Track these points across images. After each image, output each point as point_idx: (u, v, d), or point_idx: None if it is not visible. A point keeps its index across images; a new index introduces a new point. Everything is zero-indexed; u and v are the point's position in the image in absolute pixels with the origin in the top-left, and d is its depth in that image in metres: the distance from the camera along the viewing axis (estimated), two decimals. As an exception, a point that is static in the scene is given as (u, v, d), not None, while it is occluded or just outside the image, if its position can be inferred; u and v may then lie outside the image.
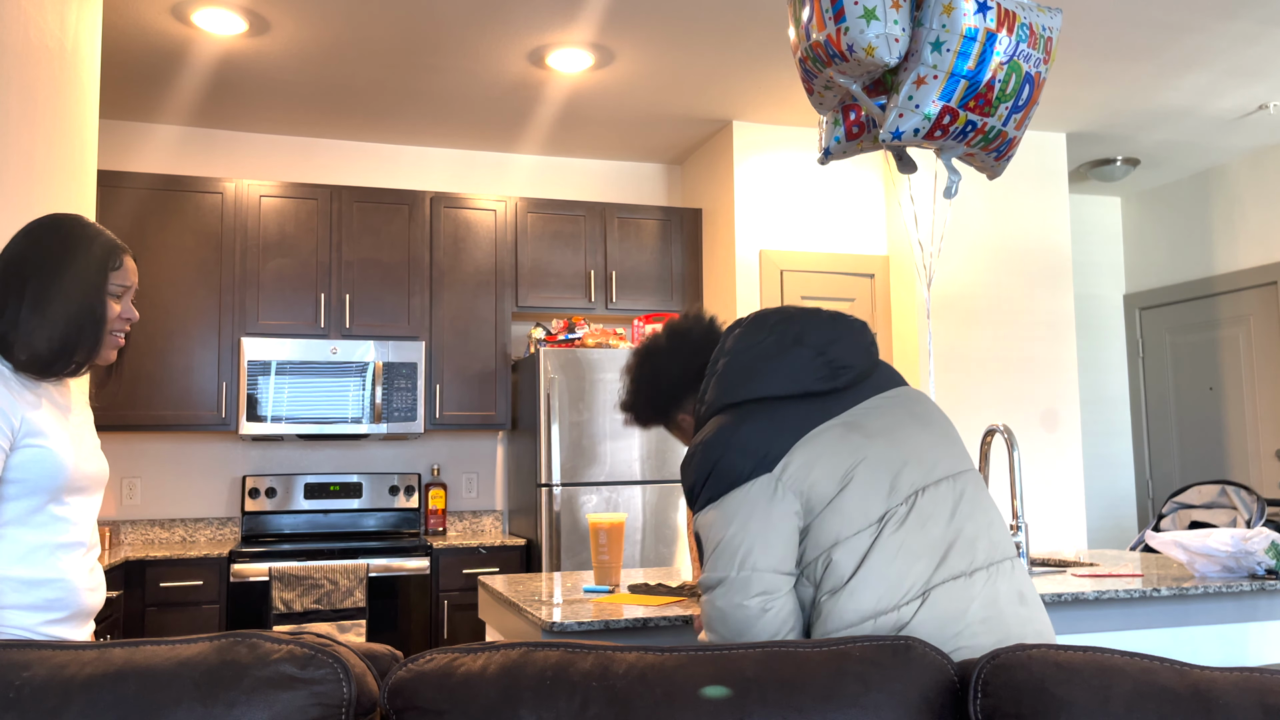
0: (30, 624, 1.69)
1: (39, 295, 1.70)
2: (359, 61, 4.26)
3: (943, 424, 1.78)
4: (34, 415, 1.70)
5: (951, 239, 5.10)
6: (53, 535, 1.72)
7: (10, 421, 1.66)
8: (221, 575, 4.27)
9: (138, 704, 1.14)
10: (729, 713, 1.19)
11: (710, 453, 1.66)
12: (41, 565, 1.70)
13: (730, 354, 1.75)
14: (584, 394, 4.58)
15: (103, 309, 1.76)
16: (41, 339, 1.69)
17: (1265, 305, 5.58)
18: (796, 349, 1.71)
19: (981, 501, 1.71)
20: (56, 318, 1.71)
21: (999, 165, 2.53)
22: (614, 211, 5.24)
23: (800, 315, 1.77)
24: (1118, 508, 6.34)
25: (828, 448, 1.64)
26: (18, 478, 1.68)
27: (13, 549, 1.68)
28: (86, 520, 1.79)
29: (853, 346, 1.74)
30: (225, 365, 4.62)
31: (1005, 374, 5.10)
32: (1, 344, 1.70)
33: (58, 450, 1.72)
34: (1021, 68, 2.35)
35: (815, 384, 1.69)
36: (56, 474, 1.71)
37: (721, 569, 1.61)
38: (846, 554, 1.59)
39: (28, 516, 1.70)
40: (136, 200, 4.59)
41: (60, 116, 2.64)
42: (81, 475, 1.76)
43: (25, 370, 1.71)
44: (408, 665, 1.27)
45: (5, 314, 1.70)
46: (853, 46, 2.30)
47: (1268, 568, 2.67)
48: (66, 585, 1.73)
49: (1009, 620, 1.60)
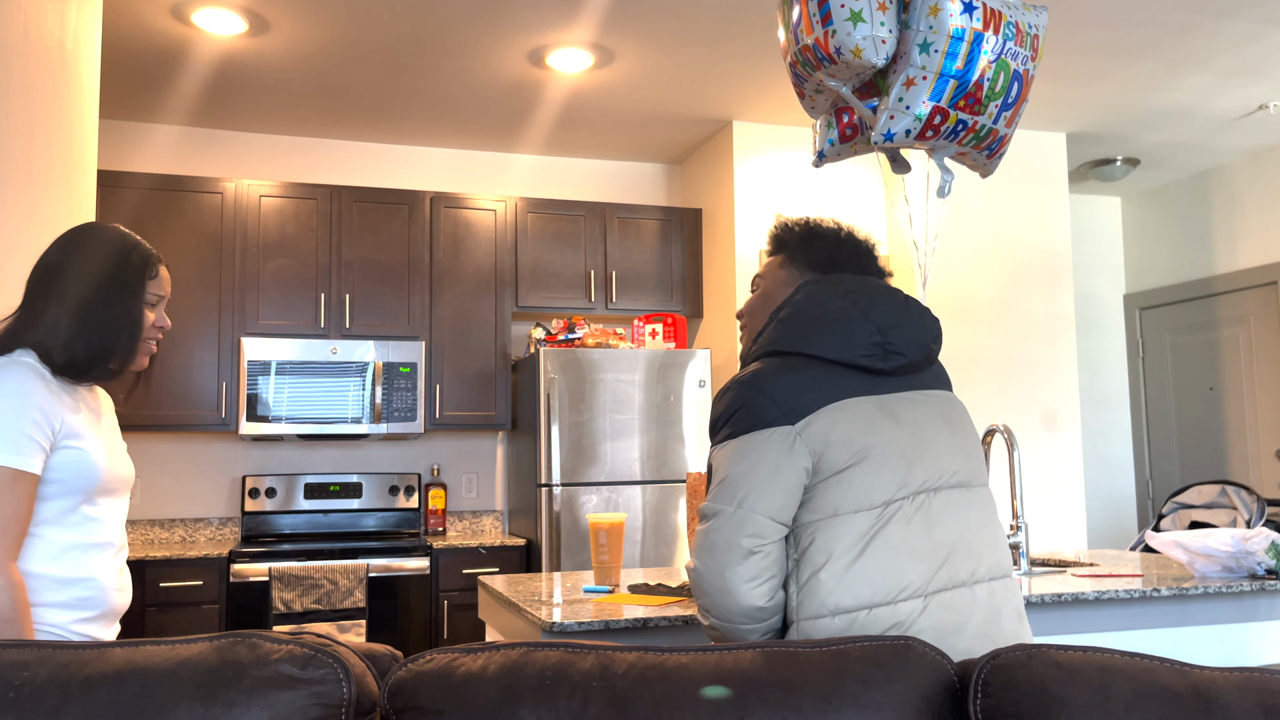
0: (63, 622, 1.72)
1: (79, 301, 1.74)
2: (359, 61, 4.26)
3: (970, 436, 1.79)
4: (72, 418, 1.73)
5: (952, 239, 5.10)
6: (85, 535, 1.76)
7: (52, 423, 1.69)
8: (221, 575, 4.27)
9: (138, 704, 1.14)
10: (729, 713, 1.19)
11: (744, 391, 1.69)
12: (74, 565, 1.74)
13: (796, 306, 1.77)
14: (584, 394, 4.58)
15: (140, 317, 1.81)
16: (80, 344, 1.74)
17: (1265, 305, 5.58)
18: (861, 321, 1.72)
19: (991, 519, 1.73)
20: (95, 324, 1.75)
21: (991, 163, 2.55)
22: (614, 211, 5.24)
23: (875, 290, 1.77)
24: (1118, 508, 6.34)
25: (853, 420, 1.66)
26: (55, 478, 1.71)
27: (48, 548, 1.71)
28: (116, 521, 1.83)
29: (914, 336, 1.75)
30: (225, 365, 4.62)
31: (1005, 374, 5.10)
32: (40, 348, 1.74)
33: (93, 452, 1.75)
34: (1010, 66, 2.37)
35: (864, 359, 1.71)
36: (91, 476, 1.74)
37: (722, 502, 1.65)
38: (841, 532, 1.61)
39: (62, 517, 1.73)
40: (136, 200, 4.59)
41: (60, 116, 2.64)
42: (113, 477, 1.80)
43: (62, 374, 1.75)
44: (408, 665, 1.27)
45: (45, 319, 1.74)
46: (840, 49, 2.31)
47: (1268, 568, 2.67)
48: (97, 585, 1.76)
49: (1006, 634, 1.64)
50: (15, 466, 1.64)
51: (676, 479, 4.66)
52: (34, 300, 1.77)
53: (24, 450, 1.65)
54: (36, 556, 1.70)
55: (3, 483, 1.63)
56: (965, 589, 1.61)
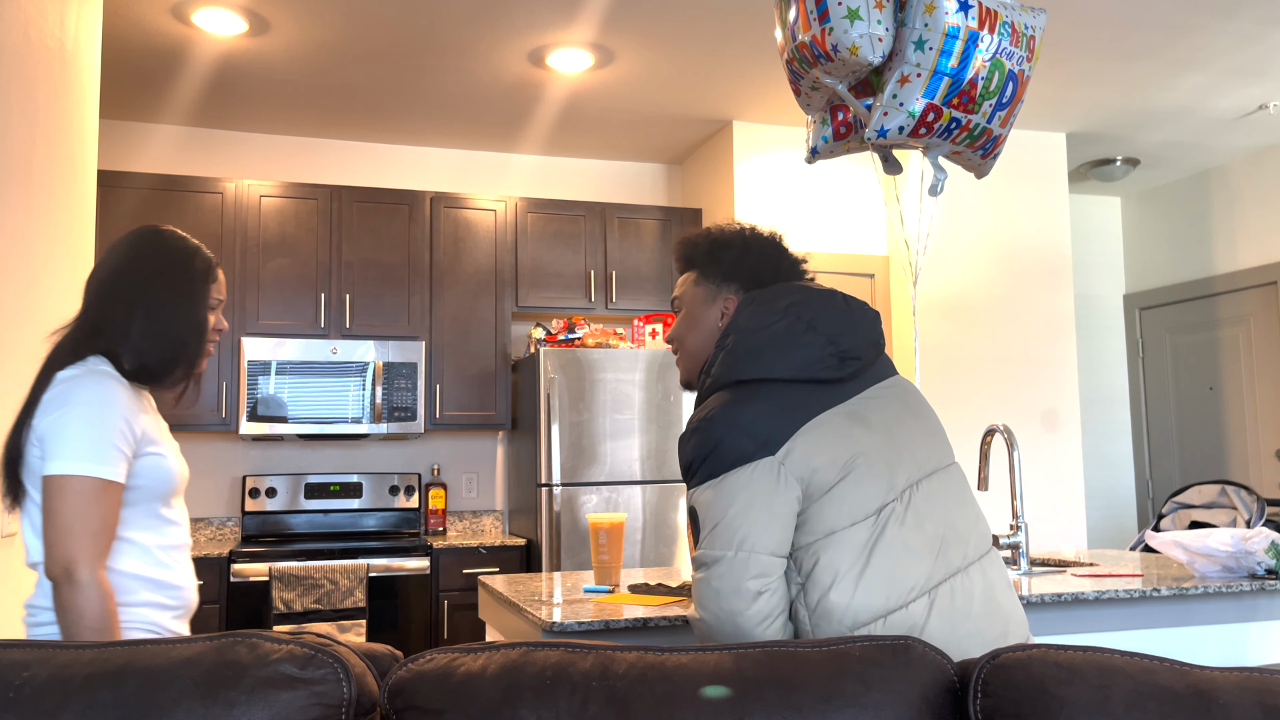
0: (161, 620, 1.77)
1: (148, 308, 1.76)
2: (359, 61, 4.26)
3: (930, 416, 1.80)
4: (147, 424, 1.77)
5: (952, 239, 5.10)
6: (166, 537, 1.80)
7: (134, 431, 1.72)
8: (221, 575, 4.27)
9: (138, 704, 1.14)
10: (729, 713, 1.19)
11: (713, 430, 1.65)
12: (163, 566, 1.78)
13: (741, 331, 1.73)
14: (584, 394, 4.58)
15: (204, 321, 1.84)
16: (151, 351, 1.76)
17: (1265, 305, 5.58)
18: (808, 335, 1.70)
19: (965, 495, 1.74)
20: (165, 330, 1.77)
21: (986, 163, 2.55)
22: (614, 211, 5.24)
23: (816, 299, 1.75)
24: (1118, 508, 6.34)
25: (830, 436, 1.64)
26: (138, 484, 1.74)
27: (140, 552, 1.75)
28: (185, 521, 1.87)
29: (863, 337, 1.74)
30: (225, 365, 4.62)
31: (1005, 374, 5.10)
32: (110, 354, 1.75)
33: (168, 457, 1.79)
34: (1005, 65, 2.37)
35: (822, 372, 1.69)
36: (168, 480, 1.79)
37: (720, 548, 1.60)
38: (844, 547, 1.60)
39: (146, 521, 1.77)
40: (136, 200, 4.59)
41: (60, 116, 2.64)
42: (182, 480, 1.84)
43: (133, 379, 1.77)
44: (408, 665, 1.27)
45: (114, 325, 1.75)
46: (837, 46, 2.32)
47: (1268, 568, 2.67)
48: (182, 584, 1.81)
49: (1005, 606, 1.65)
50: (104, 477, 1.66)
51: (676, 479, 4.66)
52: (100, 306, 1.77)
53: (110, 460, 1.67)
54: (131, 559, 1.74)
55: (93, 493, 1.65)
56: (962, 574, 1.62)
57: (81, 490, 1.64)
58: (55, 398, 1.69)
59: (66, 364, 1.73)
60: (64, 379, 1.71)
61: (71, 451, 1.65)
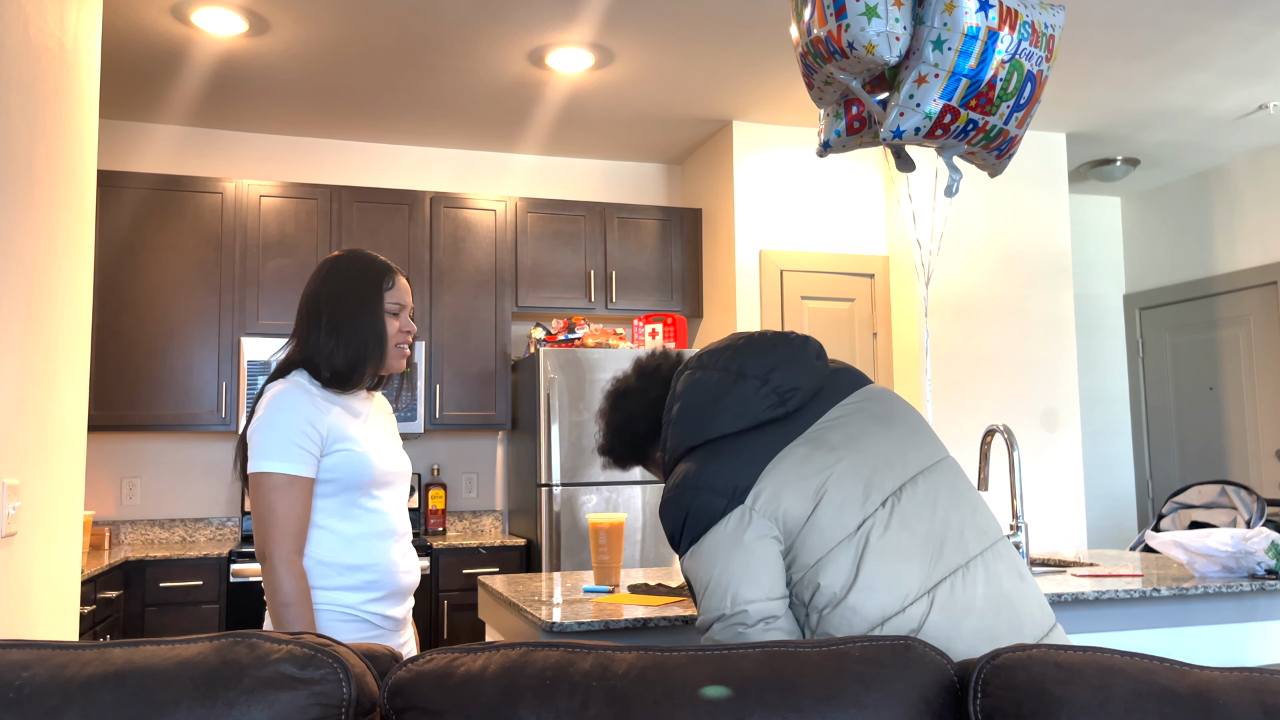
0: (353, 602, 1.94)
1: (332, 320, 2.01)
2: (359, 61, 4.26)
3: (910, 419, 1.79)
4: (338, 424, 1.97)
5: (952, 239, 5.09)
6: (367, 525, 1.98)
7: (319, 430, 1.94)
8: (221, 575, 4.27)
9: (138, 704, 1.14)
10: (729, 713, 1.19)
11: (683, 497, 1.69)
12: (360, 552, 1.96)
13: (681, 398, 1.79)
14: (584, 394, 4.58)
15: (383, 325, 2.03)
16: (339, 357, 2.00)
17: (1265, 305, 5.58)
18: (740, 383, 1.74)
19: (960, 489, 1.73)
20: (347, 338, 2.00)
21: (1000, 163, 2.53)
22: (614, 211, 5.24)
23: (742, 347, 1.80)
24: (1118, 508, 6.34)
25: (794, 470, 1.67)
26: (331, 478, 1.95)
27: (335, 539, 1.95)
28: (396, 510, 2.05)
29: (795, 368, 1.76)
30: (225, 365, 4.62)
31: (1005, 374, 5.10)
32: (310, 366, 2.01)
33: (362, 451, 1.97)
34: (1023, 66, 2.34)
35: (766, 413, 1.72)
36: (363, 472, 1.97)
37: (715, 608, 1.65)
38: (834, 568, 1.61)
39: (344, 510, 1.96)
40: (136, 200, 4.59)
41: (60, 116, 2.64)
42: (384, 472, 2.01)
43: (330, 386, 2.01)
44: (407, 665, 1.27)
45: (311, 341, 2.01)
46: (853, 44, 2.29)
47: (1268, 568, 2.67)
48: (382, 568, 1.98)
49: (1011, 597, 1.63)
50: (288, 472, 1.89)
51: (676, 479, 4.66)
52: (301, 327, 2.04)
53: (293, 457, 1.90)
54: (326, 546, 1.94)
55: (280, 486, 1.89)
56: (962, 570, 1.62)
57: (272, 485, 1.89)
58: (257, 409, 1.97)
59: (274, 379, 2.01)
60: (266, 392, 1.99)
61: (262, 452, 1.90)
